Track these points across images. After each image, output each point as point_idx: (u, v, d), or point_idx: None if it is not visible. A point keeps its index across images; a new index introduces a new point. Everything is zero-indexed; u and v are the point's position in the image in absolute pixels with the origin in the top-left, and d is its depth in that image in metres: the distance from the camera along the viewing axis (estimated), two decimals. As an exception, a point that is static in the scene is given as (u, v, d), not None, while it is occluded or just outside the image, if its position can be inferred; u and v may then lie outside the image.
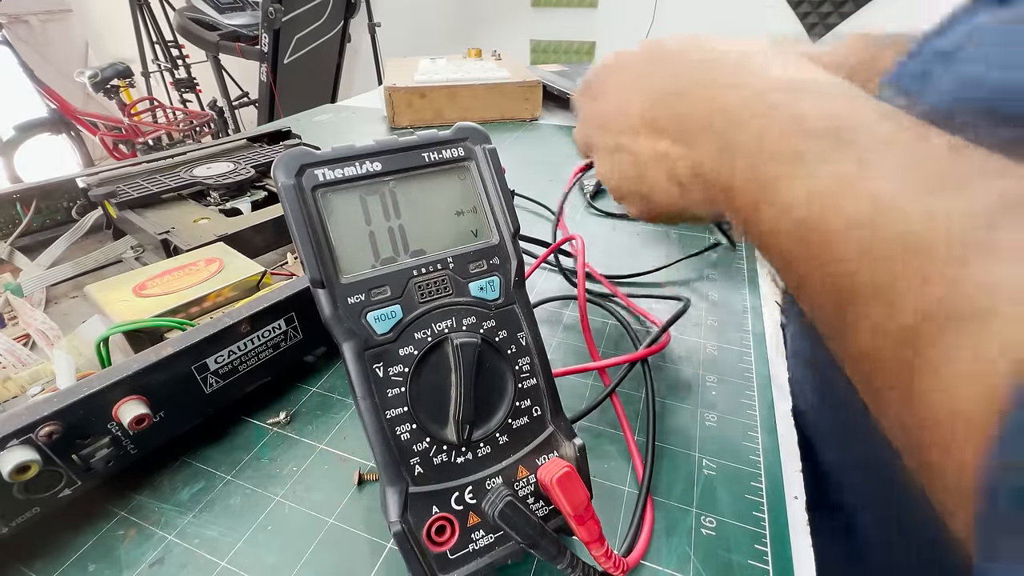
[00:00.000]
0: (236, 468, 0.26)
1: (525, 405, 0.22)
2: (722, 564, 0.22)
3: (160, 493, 0.25)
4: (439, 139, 0.22)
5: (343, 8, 2.20)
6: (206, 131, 2.40)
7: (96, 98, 2.46)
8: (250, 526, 0.24)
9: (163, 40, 2.40)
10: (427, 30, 2.65)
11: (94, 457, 0.22)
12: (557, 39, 2.49)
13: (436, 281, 0.21)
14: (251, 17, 2.22)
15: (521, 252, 0.23)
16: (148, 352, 0.24)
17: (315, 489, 0.25)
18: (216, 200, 0.46)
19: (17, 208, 0.42)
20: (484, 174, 0.23)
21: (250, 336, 0.28)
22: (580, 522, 0.20)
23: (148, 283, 0.31)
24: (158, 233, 0.38)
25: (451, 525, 0.20)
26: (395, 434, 0.19)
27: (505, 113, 0.84)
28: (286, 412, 0.29)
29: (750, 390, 0.32)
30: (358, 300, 0.20)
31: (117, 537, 0.23)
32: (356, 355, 0.19)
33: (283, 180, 0.19)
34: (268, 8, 1.92)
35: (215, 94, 2.39)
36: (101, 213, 0.44)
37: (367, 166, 0.21)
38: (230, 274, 0.32)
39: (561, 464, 0.20)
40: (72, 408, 0.21)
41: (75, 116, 2.18)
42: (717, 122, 0.21)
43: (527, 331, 0.22)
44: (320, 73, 2.30)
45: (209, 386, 0.26)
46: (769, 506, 0.25)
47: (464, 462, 0.20)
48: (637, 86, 0.27)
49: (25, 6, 2.51)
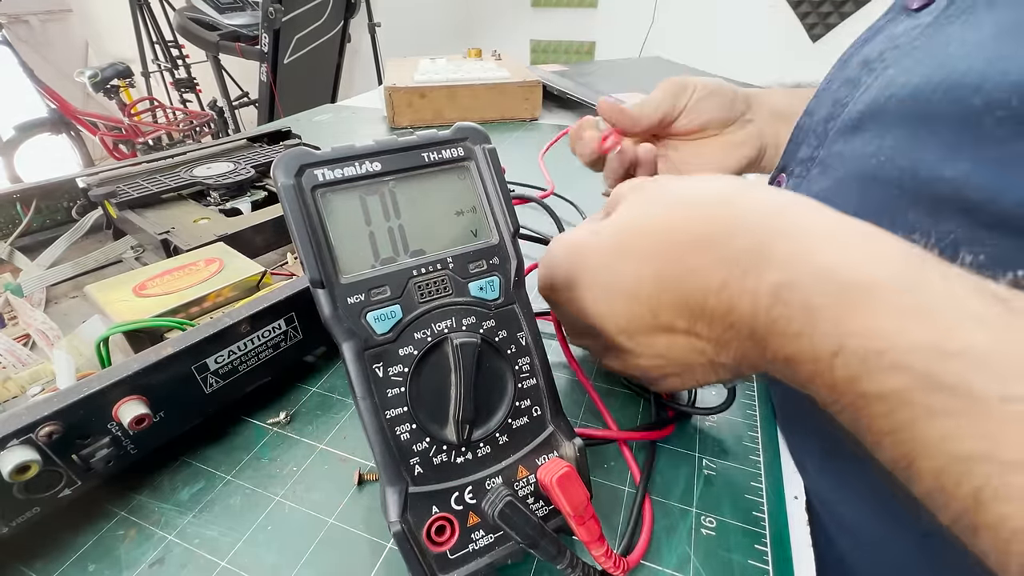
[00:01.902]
0: (236, 468, 0.26)
1: (525, 405, 0.22)
2: (722, 564, 0.22)
3: (160, 493, 0.25)
4: (439, 139, 0.22)
5: (343, 8, 2.20)
6: (206, 131, 2.40)
7: (96, 98, 2.46)
8: (250, 526, 0.24)
9: (163, 40, 2.40)
10: (427, 30, 2.65)
11: (94, 457, 0.22)
12: (557, 39, 2.49)
13: (436, 281, 0.21)
14: (251, 17, 2.22)
15: (521, 252, 0.23)
16: (148, 352, 0.24)
17: (315, 489, 0.25)
18: (216, 200, 0.46)
19: (17, 208, 0.42)
20: (484, 174, 0.23)
21: (250, 336, 0.28)
22: (580, 522, 0.20)
23: (148, 283, 0.31)
24: (158, 233, 0.38)
25: (451, 525, 0.20)
26: (395, 434, 0.19)
27: (505, 113, 0.84)
28: (286, 412, 0.29)
29: (750, 390, 0.32)
30: (358, 300, 0.20)
31: (117, 537, 0.23)
32: (356, 355, 0.19)
33: (283, 180, 0.19)
34: (268, 8, 1.92)
35: (215, 94, 2.39)
36: (101, 213, 0.44)
37: (367, 166, 0.21)
38: (230, 274, 0.32)
39: (561, 464, 0.20)
40: (72, 408, 0.21)
41: (75, 116, 2.17)
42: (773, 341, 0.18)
43: (527, 331, 0.22)
44: (320, 73, 2.30)
45: (209, 386, 0.26)
46: (769, 506, 0.25)
47: (464, 462, 0.20)
48: (628, 291, 0.22)
49: (25, 6, 2.51)
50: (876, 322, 0.15)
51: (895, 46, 0.24)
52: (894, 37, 0.25)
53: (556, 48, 2.51)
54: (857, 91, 0.26)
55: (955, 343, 0.13)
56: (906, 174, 0.21)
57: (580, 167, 0.44)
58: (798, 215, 0.19)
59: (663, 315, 0.21)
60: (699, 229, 0.20)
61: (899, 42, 0.24)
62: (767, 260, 0.18)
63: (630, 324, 0.23)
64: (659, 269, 0.21)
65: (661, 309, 0.21)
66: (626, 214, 0.24)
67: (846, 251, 0.16)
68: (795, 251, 0.17)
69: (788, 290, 0.17)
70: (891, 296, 0.15)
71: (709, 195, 0.21)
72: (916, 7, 0.25)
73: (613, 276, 0.23)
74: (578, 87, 0.87)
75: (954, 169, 0.19)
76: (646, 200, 0.24)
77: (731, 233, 0.19)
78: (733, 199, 0.20)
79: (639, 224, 0.23)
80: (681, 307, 0.21)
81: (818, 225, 0.18)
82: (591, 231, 0.25)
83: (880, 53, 0.25)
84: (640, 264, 0.22)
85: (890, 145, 0.22)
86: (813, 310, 0.16)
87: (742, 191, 0.20)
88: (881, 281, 0.15)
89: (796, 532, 0.24)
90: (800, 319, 0.17)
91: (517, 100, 0.83)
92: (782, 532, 0.24)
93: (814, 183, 0.27)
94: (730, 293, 0.19)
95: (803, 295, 0.17)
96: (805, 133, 0.30)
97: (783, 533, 0.24)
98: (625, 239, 0.23)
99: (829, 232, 0.17)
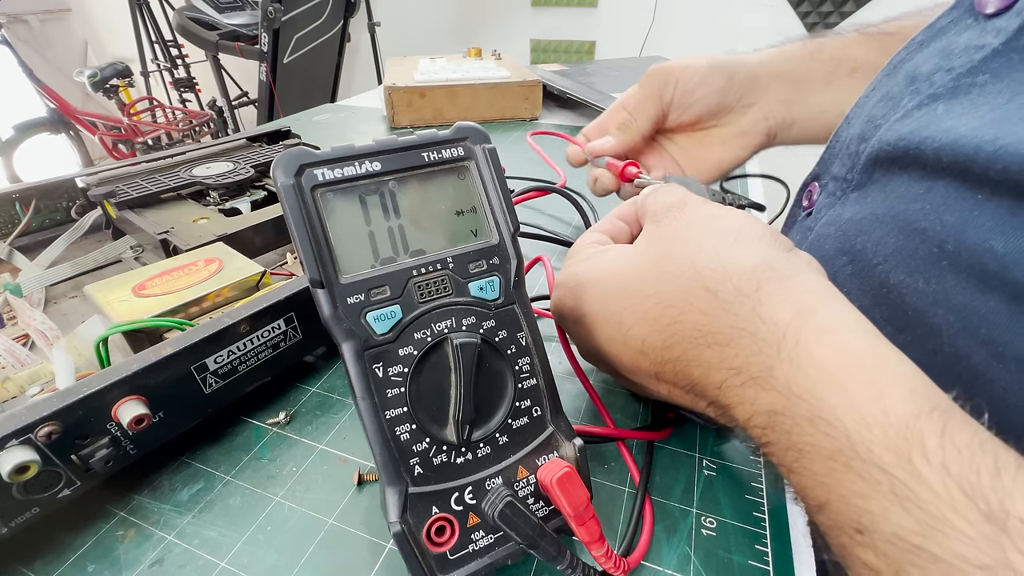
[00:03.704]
0: (236, 468, 0.26)
1: (525, 405, 0.22)
2: (722, 564, 0.22)
3: (159, 493, 0.25)
4: (439, 139, 0.22)
5: (343, 8, 2.20)
6: (205, 131, 2.40)
7: (95, 98, 2.46)
8: (250, 526, 0.24)
9: (162, 40, 2.40)
10: (427, 29, 2.64)
11: (93, 457, 0.22)
12: (557, 39, 2.49)
13: (436, 281, 0.21)
14: (251, 17, 2.22)
15: (521, 252, 0.23)
16: (147, 352, 0.24)
17: (315, 489, 0.25)
18: (215, 200, 0.45)
19: (16, 208, 0.42)
20: (484, 174, 0.23)
21: (249, 336, 0.27)
22: (580, 522, 0.20)
23: (147, 283, 0.31)
24: (157, 233, 0.38)
25: (451, 525, 0.20)
26: (395, 434, 0.19)
27: (505, 113, 0.84)
28: (286, 412, 0.29)
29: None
30: (358, 300, 0.20)
31: (116, 537, 0.23)
32: (356, 355, 0.19)
33: (282, 180, 0.19)
34: (268, 8, 1.92)
35: (214, 94, 2.39)
36: (100, 213, 0.44)
37: (367, 166, 0.21)
38: (229, 274, 0.32)
39: (561, 464, 0.20)
40: (71, 408, 0.21)
41: (74, 116, 2.17)
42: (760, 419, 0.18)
43: (527, 331, 0.22)
44: (320, 73, 2.30)
45: (208, 386, 0.26)
46: (769, 506, 0.25)
47: (464, 462, 0.20)
48: (635, 348, 0.22)
49: (24, 6, 2.51)
50: (862, 501, 0.14)
51: (949, 68, 0.22)
52: (951, 53, 0.22)
53: (556, 48, 2.51)
54: (895, 113, 0.23)
55: (937, 548, 0.13)
56: (951, 232, 0.19)
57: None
58: (810, 337, 0.17)
59: (666, 375, 0.21)
60: (711, 325, 0.19)
61: (955, 64, 0.21)
62: (767, 381, 0.17)
63: (636, 370, 0.23)
64: (666, 341, 0.21)
65: (664, 373, 0.21)
66: (647, 255, 0.23)
67: (847, 399, 0.15)
68: (793, 382, 0.16)
69: (782, 420, 0.17)
70: (881, 475, 0.14)
71: (729, 282, 0.19)
72: (991, 12, 0.21)
73: (621, 330, 0.23)
74: (578, 86, 0.87)
75: (1006, 244, 0.17)
76: (669, 249, 0.22)
77: (736, 341, 0.18)
78: (753, 296, 0.18)
79: (656, 280, 0.21)
80: (683, 380, 0.21)
81: (826, 356, 0.16)
82: (609, 260, 0.24)
83: (930, 73, 0.23)
84: (650, 330, 0.21)
85: (939, 196, 0.20)
86: (803, 454, 0.16)
87: (765, 285, 0.18)
88: (876, 454, 0.14)
89: (796, 532, 0.24)
90: (790, 458, 0.16)
91: (517, 100, 0.83)
92: (782, 532, 0.24)
93: (849, 207, 0.25)
94: (727, 396, 0.19)
95: (796, 438, 0.16)
96: (842, 145, 0.27)
97: (783, 533, 0.24)
98: (639, 294, 0.22)
99: (833, 369, 0.16)
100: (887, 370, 0.16)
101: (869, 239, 0.23)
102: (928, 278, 0.20)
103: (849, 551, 0.15)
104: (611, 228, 0.28)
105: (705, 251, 0.20)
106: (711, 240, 0.21)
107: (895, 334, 0.17)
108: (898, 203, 0.22)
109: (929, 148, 0.20)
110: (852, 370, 0.16)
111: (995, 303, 0.17)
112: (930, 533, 0.13)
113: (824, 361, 0.16)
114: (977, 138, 0.18)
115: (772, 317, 0.18)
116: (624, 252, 0.24)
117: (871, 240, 0.23)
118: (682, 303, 0.20)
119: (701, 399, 0.20)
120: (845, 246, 0.24)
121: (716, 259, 0.20)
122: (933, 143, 0.20)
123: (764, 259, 0.19)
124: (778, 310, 0.18)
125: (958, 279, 0.19)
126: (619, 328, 0.23)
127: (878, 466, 0.14)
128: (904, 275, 0.21)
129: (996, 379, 0.18)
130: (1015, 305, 0.17)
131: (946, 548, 0.13)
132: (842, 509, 0.15)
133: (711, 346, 0.19)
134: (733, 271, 0.19)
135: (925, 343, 0.20)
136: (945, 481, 0.13)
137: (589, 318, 0.24)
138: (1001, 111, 0.18)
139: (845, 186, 0.26)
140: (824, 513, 0.16)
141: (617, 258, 0.24)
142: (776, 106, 0.38)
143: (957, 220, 0.19)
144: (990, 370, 0.18)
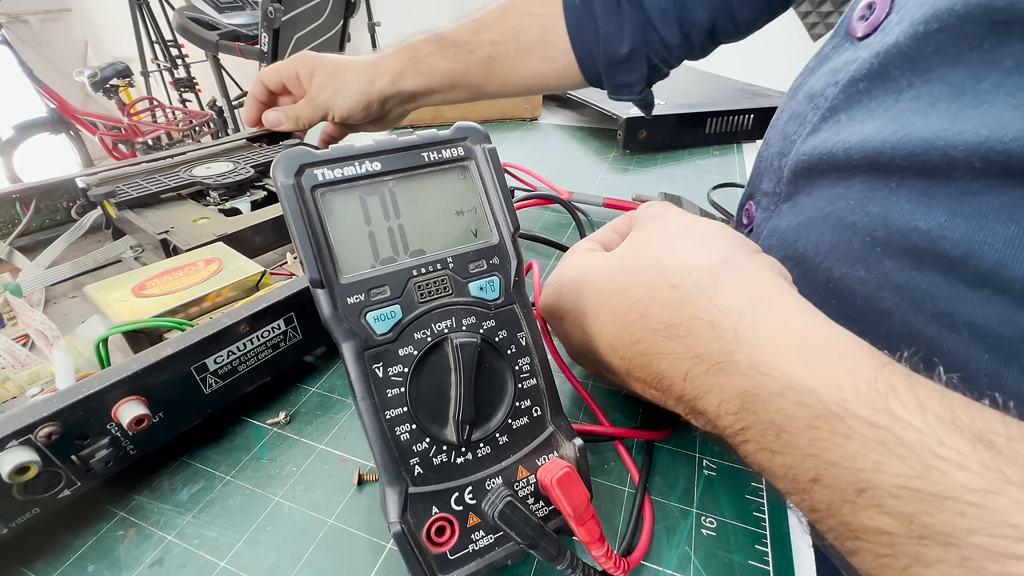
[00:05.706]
0: (235, 468, 0.26)
1: (525, 405, 0.22)
2: (722, 564, 0.22)
3: (159, 493, 0.25)
4: (439, 139, 0.22)
5: (343, 8, 2.20)
6: (206, 131, 2.39)
7: (95, 98, 2.45)
8: (249, 526, 0.24)
9: (162, 39, 2.39)
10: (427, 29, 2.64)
11: (93, 458, 0.22)
12: (557, 38, 2.49)
13: (436, 281, 0.21)
14: (251, 17, 2.22)
15: (521, 252, 0.23)
16: (147, 352, 0.24)
17: (314, 489, 0.25)
18: (215, 200, 0.45)
19: (16, 208, 0.42)
20: (484, 174, 0.23)
21: (249, 336, 0.27)
22: (580, 522, 0.20)
23: (147, 283, 0.31)
24: (157, 233, 0.38)
25: (451, 525, 0.20)
26: (395, 434, 0.19)
27: (505, 113, 0.84)
28: (286, 412, 0.29)
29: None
30: (358, 300, 0.20)
31: (116, 537, 0.23)
32: (356, 355, 0.19)
33: (282, 180, 0.19)
34: (268, 8, 1.92)
35: (215, 94, 2.38)
36: (100, 213, 0.44)
37: (367, 166, 0.21)
38: (229, 274, 0.32)
39: (561, 464, 0.20)
40: (71, 409, 0.21)
41: (74, 116, 2.17)
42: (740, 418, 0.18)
43: (527, 331, 0.22)
44: (320, 73, 2.29)
45: (208, 386, 0.26)
46: (769, 506, 0.25)
47: (464, 462, 0.20)
48: (608, 344, 0.23)
49: (24, 6, 2.51)
50: (853, 461, 0.14)
51: (835, 82, 0.24)
52: (836, 71, 0.25)
53: (556, 47, 2.50)
54: (804, 128, 0.26)
55: (938, 486, 0.13)
56: (877, 220, 0.21)
57: (577, 166, 0.44)
58: (766, 321, 0.18)
59: (635, 371, 0.22)
60: (672, 317, 0.20)
61: (839, 78, 0.24)
62: (730, 365, 0.17)
63: (611, 365, 0.24)
64: (634, 335, 0.21)
65: (634, 369, 0.22)
66: (625, 257, 0.24)
67: (812, 366, 0.16)
68: (756, 361, 0.17)
69: (752, 400, 0.17)
70: (865, 429, 0.14)
71: (689, 277, 0.20)
72: (860, 36, 0.25)
73: (597, 326, 0.23)
74: (578, 87, 0.87)
75: (927, 221, 0.19)
76: (641, 251, 0.23)
77: (695, 330, 0.19)
78: (709, 288, 0.19)
79: (627, 278, 0.22)
80: (651, 375, 0.21)
81: (784, 333, 0.17)
82: (594, 263, 0.25)
83: (823, 88, 0.25)
84: (620, 325, 0.22)
85: (858, 190, 0.22)
86: (782, 430, 0.16)
87: (722, 279, 0.19)
88: (852, 410, 0.14)
89: (796, 532, 0.24)
90: (770, 438, 0.16)
91: (517, 99, 0.83)
92: (782, 532, 0.24)
93: (784, 217, 0.27)
94: (694, 386, 0.19)
95: (773, 414, 0.16)
96: (766, 164, 0.30)
97: (783, 533, 0.24)
98: (612, 291, 0.23)
99: (793, 344, 0.17)
100: (843, 339, 0.17)
101: (808, 241, 0.25)
102: (867, 266, 0.21)
103: (857, 532, 0.14)
104: (604, 237, 0.29)
105: (671, 251, 0.22)
106: (679, 242, 0.22)
107: (849, 325, 0.17)
108: (825, 205, 0.23)
109: (840, 150, 0.22)
110: (811, 343, 0.17)
111: (932, 277, 0.19)
112: (928, 472, 0.13)
113: (783, 337, 0.17)
114: (880, 134, 0.20)
115: (728, 306, 0.18)
116: (608, 255, 0.25)
117: (810, 242, 0.24)
118: (647, 298, 0.21)
119: (670, 395, 0.20)
120: (788, 252, 0.26)
121: (679, 257, 0.21)
122: (843, 145, 0.22)
123: (724, 257, 0.20)
124: (733, 300, 0.19)
125: (894, 262, 0.20)
126: (595, 324, 0.23)
127: (858, 419, 0.14)
128: (845, 268, 0.22)
129: (953, 349, 0.19)
130: (950, 275, 0.18)
131: (947, 483, 0.13)
132: (837, 476, 0.15)
133: (673, 338, 0.19)
134: (694, 267, 0.20)
135: (879, 327, 0.21)
136: (926, 418, 0.14)
137: (571, 315, 0.25)
138: (894, 110, 0.21)
139: (776, 199, 0.28)
140: (819, 490, 0.15)
141: (600, 261, 0.25)
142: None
143: (879, 209, 0.21)
144: (946, 341, 0.19)
